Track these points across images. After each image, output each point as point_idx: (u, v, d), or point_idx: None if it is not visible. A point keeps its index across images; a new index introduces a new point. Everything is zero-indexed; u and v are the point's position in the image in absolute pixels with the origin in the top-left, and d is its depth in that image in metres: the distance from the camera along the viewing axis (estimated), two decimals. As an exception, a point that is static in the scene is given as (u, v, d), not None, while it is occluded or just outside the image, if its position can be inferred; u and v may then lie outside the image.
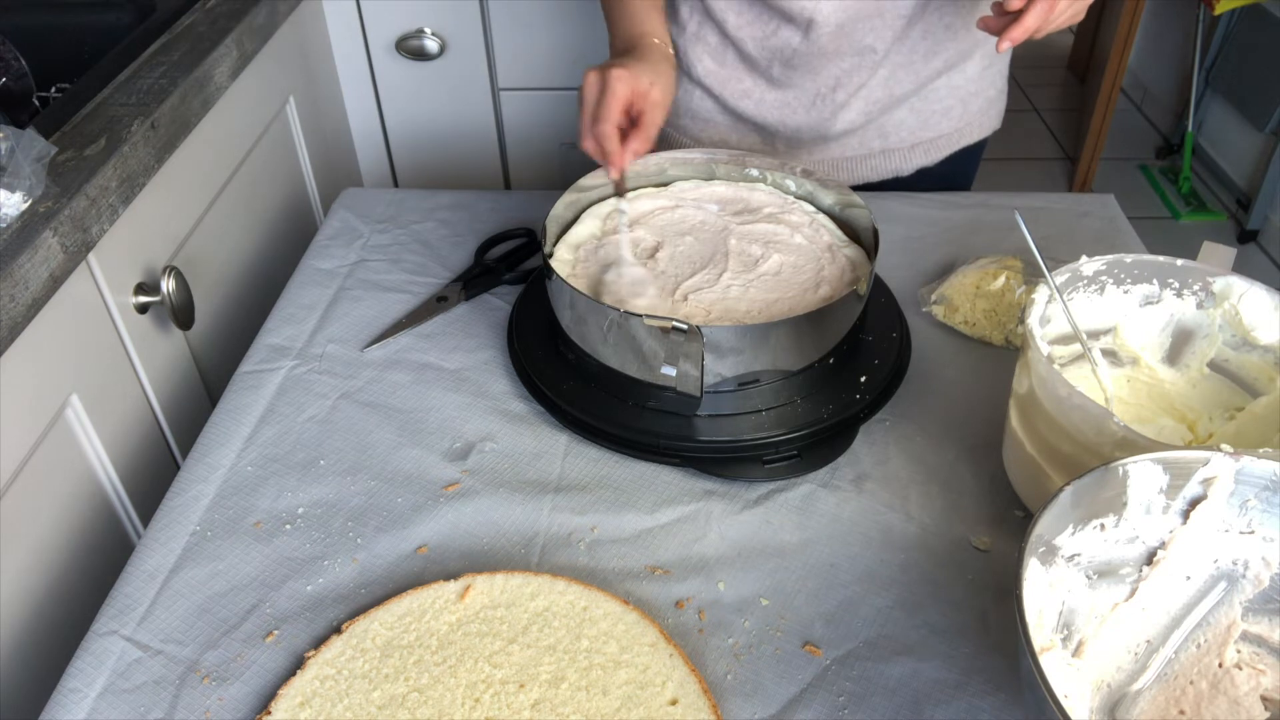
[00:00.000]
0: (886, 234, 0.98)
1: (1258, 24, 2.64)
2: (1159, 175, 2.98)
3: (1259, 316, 0.71)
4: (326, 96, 1.51)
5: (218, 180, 1.13)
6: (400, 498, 0.78)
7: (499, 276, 1.00)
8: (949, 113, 1.06)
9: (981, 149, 1.14)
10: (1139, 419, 0.76)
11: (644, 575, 0.71)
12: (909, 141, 1.07)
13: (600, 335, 0.79)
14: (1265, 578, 0.60)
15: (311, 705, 0.62)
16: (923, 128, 1.07)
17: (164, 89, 0.99)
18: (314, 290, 0.99)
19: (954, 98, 1.05)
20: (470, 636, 0.66)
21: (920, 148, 1.08)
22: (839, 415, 0.80)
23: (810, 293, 0.83)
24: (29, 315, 0.78)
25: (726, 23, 1.01)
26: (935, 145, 1.08)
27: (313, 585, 0.71)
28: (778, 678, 0.65)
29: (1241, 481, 0.58)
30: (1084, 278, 0.74)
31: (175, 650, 0.67)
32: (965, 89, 1.05)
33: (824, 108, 1.03)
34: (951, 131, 1.08)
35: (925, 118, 1.06)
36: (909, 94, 1.03)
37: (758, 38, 1.00)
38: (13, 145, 0.80)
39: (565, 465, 0.80)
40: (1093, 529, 0.58)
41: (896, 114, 1.05)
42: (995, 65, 1.07)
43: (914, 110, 1.05)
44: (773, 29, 0.99)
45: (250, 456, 0.81)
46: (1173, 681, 0.61)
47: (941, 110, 1.06)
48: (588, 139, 0.84)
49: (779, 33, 0.99)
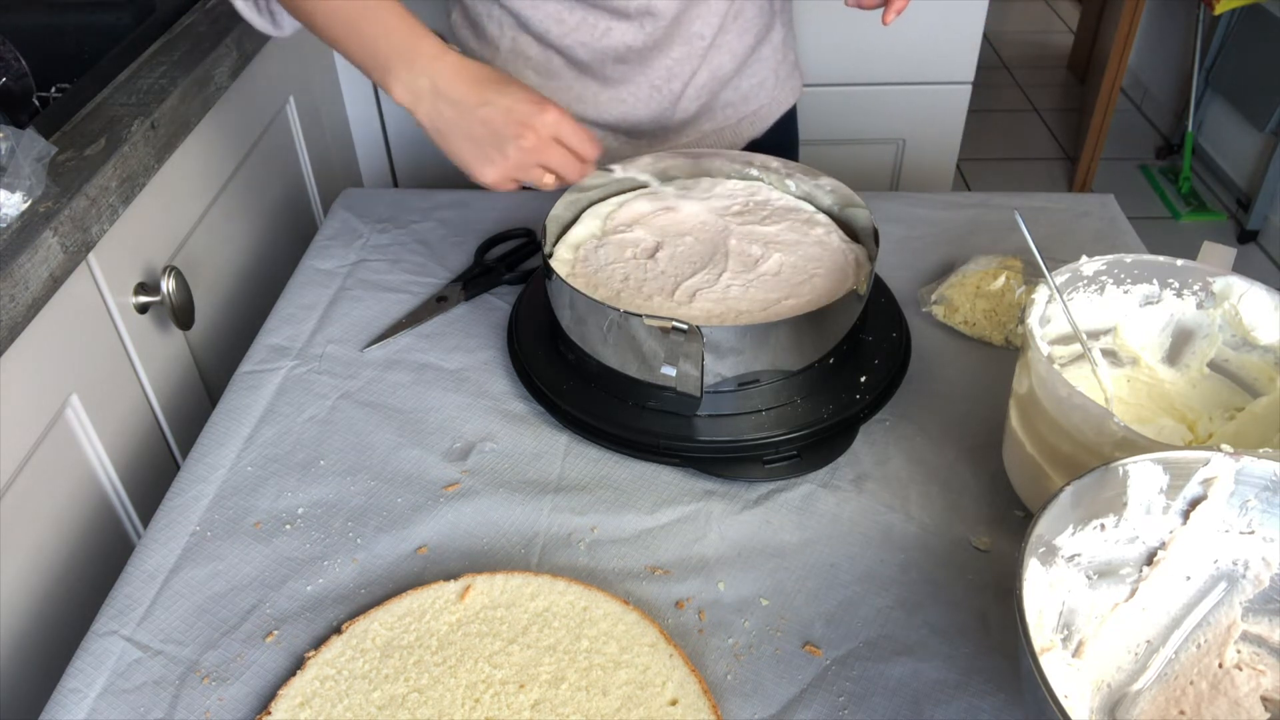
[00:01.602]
0: (886, 234, 0.98)
1: (1258, 24, 2.64)
2: (1159, 175, 2.98)
3: (1259, 316, 0.71)
4: (326, 96, 1.51)
5: (218, 180, 1.13)
6: (400, 498, 0.78)
7: (499, 276, 1.00)
8: (763, 84, 1.10)
9: (795, 116, 1.19)
10: (1139, 419, 0.76)
11: (644, 575, 0.71)
12: (734, 118, 1.10)
13: (600, 335, 0.79)
14: (1265, 578, 0.60)
15: (311, 705, 0.62)
16: (744, 103, 1.10)
17: (164, 89, 0.99)
18: (314, 290, 0.99)
19: (765, 69, 1.10)
20: (470, 637, 0.66)
21: (746, 121, 1.11)
22: (839, 415, 0.80)
23: (810, 293, 0.83)
24: (29, 315, 0.78)
25: (549, 33, 0.97)
26: (758, 116, 1.12)
27: (313, 585, 0.71)
28: (778, 678, 0.65)
29: (1241, 482, 0.58)
30: (1084, 278, 0.74)
31: (175, 650, 0.67)
32: (772, 59, 1.10)
33: (661, 99, 1.04)
34: (769, 101, 1.12)
35: (745, 94, 1.09)
36: (730, 75, 1.06)
37: (588, 41, 0.98)
38: (13, 145, 0.80)
39: (565, 465, 0.80)
40: (1093, 529, 0.58)
41: (721, 95, 1.08)
42: (789, 32, 1.13)
43: (734, 88, 1.08)
44: (604, 29, 0.97)
45: (250, 456, 0.81)
46: (1173, 682, 0.61)
47: (757, 83, 1.10)
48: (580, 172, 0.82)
49: (611, 32, 0.97)
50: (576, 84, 1.02)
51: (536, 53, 1.01)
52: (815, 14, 1.52)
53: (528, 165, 0.78)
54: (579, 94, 1.03)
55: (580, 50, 0.99)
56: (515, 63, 1.02)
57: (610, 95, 1.03)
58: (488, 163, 0.78)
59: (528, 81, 1.01)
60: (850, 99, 1.61)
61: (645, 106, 1.04)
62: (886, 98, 1.62)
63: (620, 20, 0.97)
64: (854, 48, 1.56)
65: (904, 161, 1.69)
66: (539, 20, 0.97)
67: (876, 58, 1.57)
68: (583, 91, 1.03)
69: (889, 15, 0.81)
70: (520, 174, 0.79)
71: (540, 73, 1.02)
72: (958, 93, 1.63)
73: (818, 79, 1.58)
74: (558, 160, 0.79)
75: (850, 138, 1.64)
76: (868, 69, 1.58)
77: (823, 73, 1.57)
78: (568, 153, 0.79)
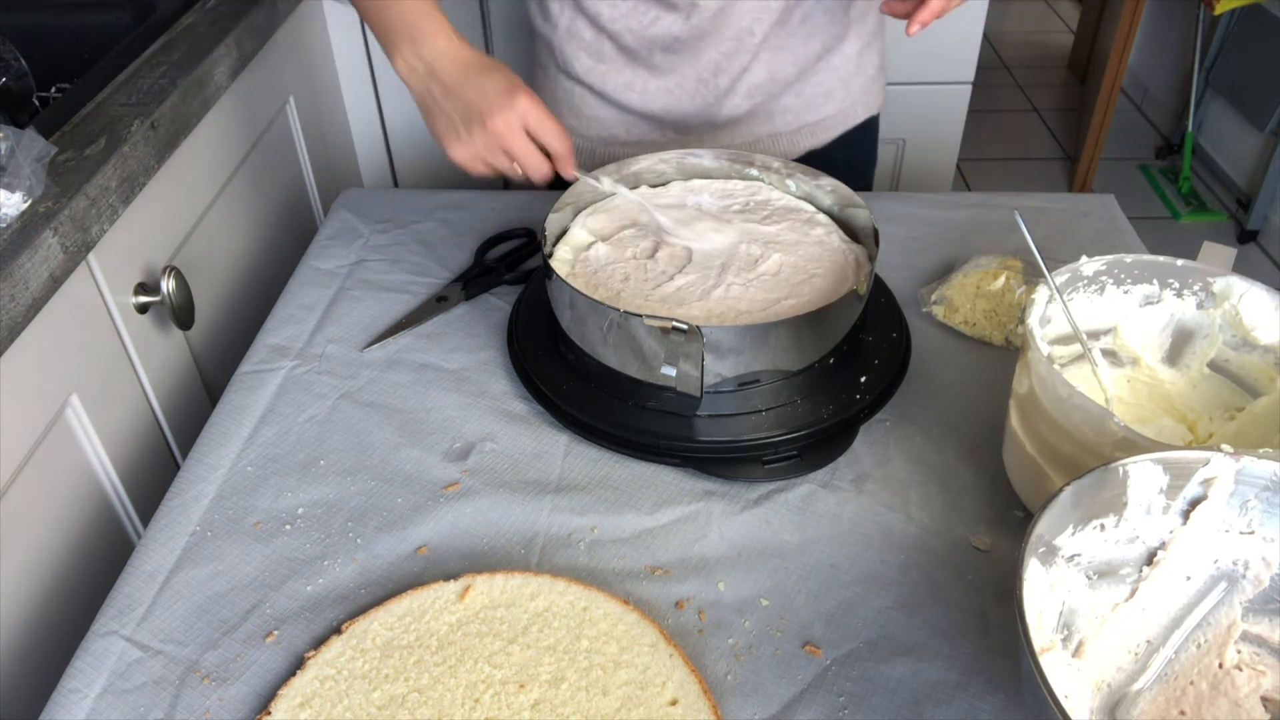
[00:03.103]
0: (886, 234, 0.98)
1: (1258, 24, 2.64)
2: (1159, 175, 2.98)
3: (1259, 316, 0.71)
4: (326, 96, 1.51)
5: (218, 180, 1.13)
6: (400, 498, 0.78)
7: (499, 276, 1.00)
8: (831, 94, 1.08)
9: (875, 129, 1.16)
10: (1139, 419, 0.76)
11: (644, 575, 0.71)
12: (794, 125, 1.08)
13: (600, 335, 0.79)
14: (1265, 578, 0.60)
15: (311, 706, 0.62)
16: (806, 111, 1.08)
17: (164, 89, 0.99)
18: (314, 290, 0.99)
19: (834, 79, 1.07)
20: (470, 637, 0.66)
21: (806, 130, 1.09)
22: (839, 415, 0.80)
23: (810, 293, 0.83)
24: (29, 315, 0.78)
25: (601, 16, 0.99)
26: (821, 127, 1.10)
27: (313, 585, 0.71)
28: (778, 678, 0.65)
29: (1242, 482, 0.58)
30: (1084, 278, 0.74)
31: (175, 650, 0.67)
32: (844, 69, 1.07)
33: (708, 93, 1.03)
34: (835, 113, 1.10)
35: (808, 100, 1.07)
36: (791, 79, 1.05)
37: (635, 29, 0.99)
38: (13, 145, 0.80)
39: (565, 465, 0.80)
40: (1093, 529, 0.58)
41: (781, 99, 1.06)
42: (872, 45, 1.09)
43: (797, 94, 1.06)
44: (652, 18, 0.98)
45: (250, 456, 0.81)
46: (1173, 682, 0.61)
47: (823, 93, 1.07)
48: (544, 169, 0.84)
49: (659, 21, 0.98)
50: (626, 70, 1.03)
51: (590, 35, 1.02)
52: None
53: (493, 149, 0.82)
54: (628, 80, 1.03)
55: (628, 36, 1.00)
56: (570, 43, 1.03)
57: (658, 85, 1.03)
58: (457, 140, 0.82)
59: (580, 63, 1.03)
60: (850, 99, 1.61)
61: (691, 99, 1.03)
62: (887, 98, 1.61)
63: (667, 10, 0.97)
64: (854, 48, 1.56)
65: (904, 161, 1.69)
66: (593, 3, 0.99)
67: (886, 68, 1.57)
68: (632, 78, 1.03)
69: (912, 27, 0.81)
70: (487, 156, 0.82)
71: (592, 55, 1.03)
72: (958, 93, 1.63)
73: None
74: (520, 148, 0.82)
75: (850, 138, 1.64)
76: (868, 69, 1.58)
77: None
78: (531, 144, 0.82)
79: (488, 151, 0.82)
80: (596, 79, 1.04)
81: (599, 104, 1.06)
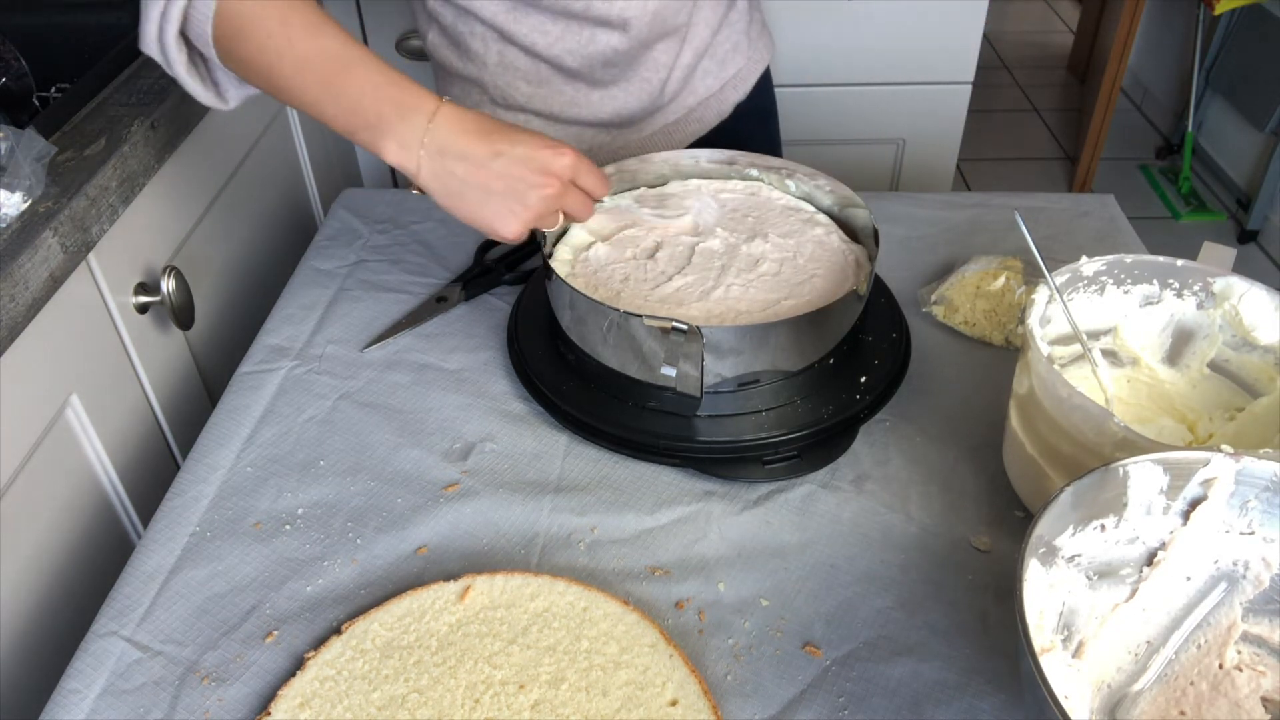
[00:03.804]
0: (886, 234, 0.98)
1: (1258, 24, 2.64)
2: (1159, 175, 2.98)
3: (1259, 317, 0.71)
4: (326, 96, 1.51)
5: (218, 180, 1.13)
6: (400, 498, 0.78)
7: (499, 276, 1.00)
8: (738, 47, 1.11)
9: (769, 77, 1.20)
10: (1139, 419, 0.76)
11: (644, 576, 0.71)
12: (717, 85, 1.11)
13: (600, 335, 0.79)
14: (1265, 578, 0.60)
15: (311, 706, 0.62)
16: (722, 69, 1.10)
17: (164, 89, 0.99)
18: (314, 290, 0.99)
19: (737, 33, 1.11)
20: (470, 637, 0.66)
21: (728, 86, 1.12)
22: (839, 415, 0.80)
23: (810, 293, 0.83)
24: (29, 315, 0.78)
25: (535, 45, 0.97)
26: (738, 80, 1.12)
27: (312, 586, 0.71)
28: (778, 678, 0.65)
29: (1242, 482, 0.58)
30: (1084, 278, 0.74)
31: (175, 651, 0.67)
32: (741, 22, 1.11)
33: (651, 89, 1.04)
34: (746, 63, 1.13)
35: (721, 59, 1.10)
36: (706, 45, 1.07)
37: (574, 49, 0.98)
38: (13, 145, 0.80)
39: (565, 465, 0.80)
40: (1093, 530, 0.58)
41: (701, 65, 1.08)
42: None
43: (712, 56, 1.09)
44: (588, 37, 0.97)
45: (250, 457, 0.81)
46: (1173, 682, 0.61)
47: (731, 47, 1.10)
48: None
49: (596, 39, 0.98)
50: (568, 88, 1.02)
51: (525, 64, 1.00)
52: (816, 15, 1.52)
53: (550, 212, 0.76)
54: (571, 98, 1.03)
55: (569, 58, 0.99)
56: (505, 75, 1.02)
57: (602, 95, 1.03)
58: (511, 216, 0.74)
59: (520, 92, 1.02)
60: (850, 99, 1.61)
61: (637, 99, 1.05)
62: (886, 98, 1.61)
63: (602, 28, 0.97)
64: (854, 48, 1.56)
65: (904, 161, 1.69)
66: (524, 34, 0.97)
67: (876, 58, 1.57)
68: (575, 95, 1.03)
69: None
70: (542, 222, 0.77)
71: (531, 81, 1.02)
72: (958, 93, 1.63)
73: (818, 79, 1.58)
74: (576, 203, 0.77)
75: (850, 138, 1.64)
76: (868, 69, 1.58)
77: (823, 73, 1.57)
78: (583, 194, 0.78)
79: (542, 219, 0.76)
80: (540, 103, 1.03)
81: (545, 125, 1.05)
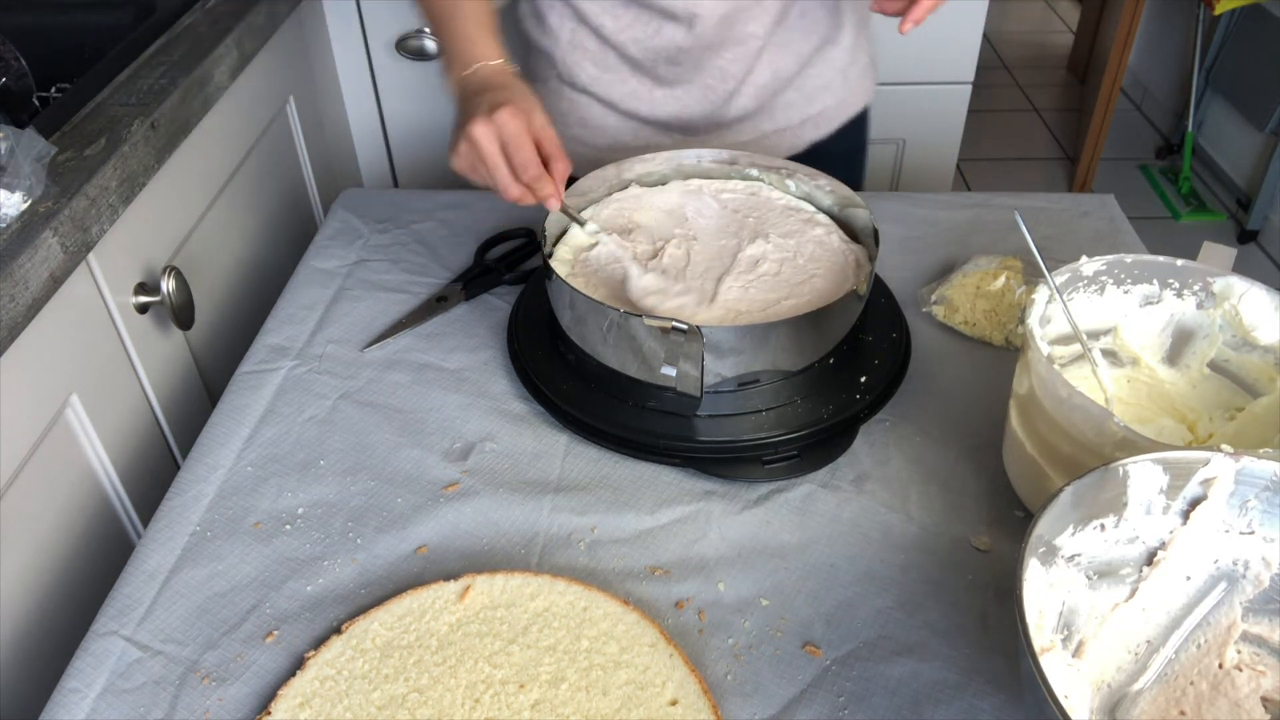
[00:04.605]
0: (886, 234, 0.98)
1: (1258, 24, 2.64)
2: (1159, 175, 2.98)
3: (1259, 316, 0.71)
4: (326, 96, 1.51)
5: (218, 180, 1.13)
6: (400, 498, 0.78)
7: (499, 276, 1.00)
8: (829, 86, 1.09)
9: (866, 121, 1.17)
10: (1139, 419, 0.76)
11: (644, 575, 0.71)
12: (797, 119, 1.09)
13: (600, 335, 0.79)
14: (1265, 578, 0.60)
15: (311, 706, 0.62)
16: (808, 104, 1.09)
17: (164, 89, 0.99)
18: (314, 290, 0.99)
19: (832, 71, 1.08)
20: (470, 637, 0.66)
21: (809, 123, 1.10)
22: (839, 415, 0.80)
23: (810, 293, 0.83)
24: (29, 315, 0.78)
25: (604, 28, 0.99)
26: (823, 118, 1.11)
27: (313, 585, 0.71)
28: (778, 678, 0.65)
29: (1242, 482, 0.58)
30: (1084, 278, 0.74)
31: (175, 650, 0.67)
32: (840, 61, 1.08)
33: (714, 98, 1.04)
34: (835, 104, 1.11)
35: (809, 94, 1.08)
36: (793, 74, 1.06)
37: (640, 39, 0.99)
38: (13, 145, 0.80)
39: (565, 465, 0.80)
40: (1093, 529, 0.58)
41: (784, 95, 1.07)
42: (862, 34, 1.10)
43: (798, 89, 1.07)
44: (655, 29, 0.98)
45: (250, 456, 0.81)
46: (1173, 682, 0.61)
47: (823, 85, 1.08)
48: (513, 189, 0.82)
49: (662, 31, 0.98)
50: (632, 79, 1.03)
51: (594, 46, 1.02)
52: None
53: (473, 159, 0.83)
54: (633, 89, 1.04)
55: (633, 47, 1.00)
56: (573, 54, 1.03)
57: (664, 94, 1.04)
58: (454, 149, 0.85)
59: (585, 73, 1.04)
60: (850, 99, 1.61)
61: (698, 105, 1.04)
62: (886, 98, 1.60)
63: (669, 20, 0.97)
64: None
65: (904, 161, 1.69)
66: (595, 15, 0.99)
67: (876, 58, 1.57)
68: (637, 87, 1.04)
69: (905, 25, 0.82)
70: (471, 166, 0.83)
71: (597, 65, 1.03)
72: (958, 93, 1.63)
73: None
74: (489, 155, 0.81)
75: (850, 138, 1.64)
76: (868, 69, 1.58)
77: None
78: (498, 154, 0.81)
79: (468, 162, 0.83)
80: (603, 88, 1.04)
81: (605, 112, 1.06)
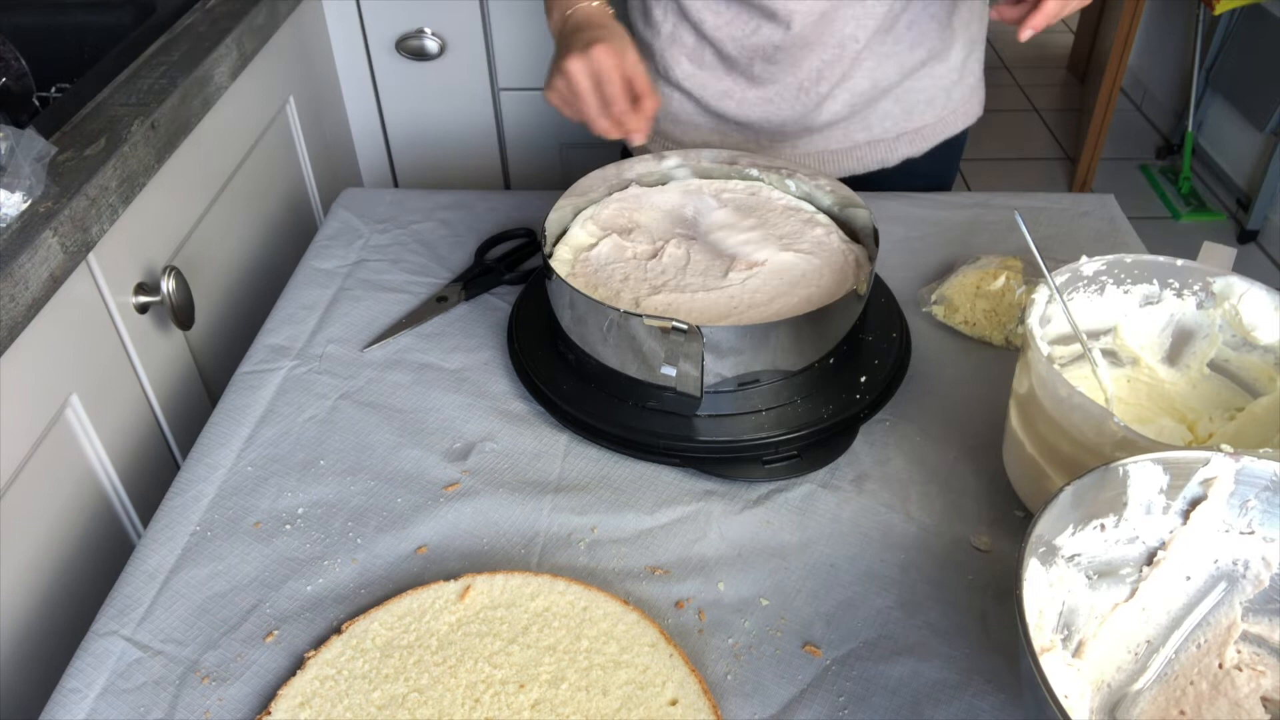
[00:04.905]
0: (886, 234, 0.98)
1: (1258, 24, 2.64)
2: (1159, 175, 2.98)
3: (1259, 316, 0.71)
4: (326, 96, 1.51)
5: (218, 180, 1.13)
6: (400, 498, 0.78)
7: (499, 276, 1.00)
8: (932, 102, 1.06)
9: (964, 141, 1.14)
10: (1139, 419, 0.76)
11: (644, 575, 0.71)
12: (894, 132, 1.07)
13: (600, 335, 0.79)
14: (1265, 578, 0.60)
15: (311, 705, 0.62)
16: (906, 118, 1.06)
17: (164, 89, 0.99)
18: (314, 290, 0.99)
19: (937, 87, 1.05)
20: (470, 637, 0.66)
21: (905, 138, 1.07)
22: (839, 415, 0.80)
23: (810, 293, 0.83)
24: (29, 315, 0.78)
25: (704, 23, 1.00)
26: (920, 135, 1.08)
27: (313, 585, 0.71)
28: (778, 678, 0.65)
29: (1242, 482, 0.58)
30: (1084, 278, 0.74)
31: (175, 650, 0.67)
32: (947, 78, 1.05)
33: (807, 100, 1.02)
34: (935, 121, 1.08)
35: (909, 108, 1.05)
36: (893, 84, 1.03)
37: (738, 37, 1.00)
38: (13, 145, 0.80)
39: (565, 465, 0.80)
40: (1093, 529, 0.58)
41: (881, 105, 1.04)
42: (974, 54, 1.07)
43: (898, 100, 1.04)
44: (753, 27, 0.98)
45: (250, 456, 0.81)
46: (1173, 682, 0.61)
47: (925, 100, 1.05)
48: (600, 121, 0.86)
49: (760, 30, 0.98)
50: (726, 78, 1.03)
51: (692, 42, 1.03)
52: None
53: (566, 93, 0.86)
54: (726, 89, 1.04)
55: (730, 45, 1.00)
56: (672, 49, 1.04)
57: (756, 94, 1.03)
58: (549, 84, 0.88)
59: (680, 69, 1.04)
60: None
61: (790, 107, 1.03)
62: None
63: (767, 20, 0.97)
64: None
65: (904, 161, 1.69)
66: (696, 10, 1.00)
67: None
68: (730, 86, 1.04)
69: (1024, 32, 0.81)
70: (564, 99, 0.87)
71: (692, 61, 1.04)
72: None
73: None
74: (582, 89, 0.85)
75: (850, 138, 1.64)
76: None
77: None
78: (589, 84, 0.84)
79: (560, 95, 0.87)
80: (696, 85, 1.05)
81: (696, 111, 1.07)
